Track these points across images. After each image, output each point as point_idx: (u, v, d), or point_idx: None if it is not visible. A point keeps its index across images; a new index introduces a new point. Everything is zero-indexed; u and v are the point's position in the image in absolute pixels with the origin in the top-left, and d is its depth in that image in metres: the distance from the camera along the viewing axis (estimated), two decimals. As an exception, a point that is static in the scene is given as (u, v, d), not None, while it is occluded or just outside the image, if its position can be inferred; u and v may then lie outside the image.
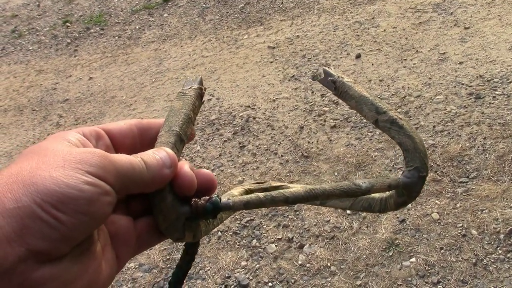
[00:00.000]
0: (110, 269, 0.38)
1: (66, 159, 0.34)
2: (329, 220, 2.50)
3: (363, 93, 0.46)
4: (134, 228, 0.40)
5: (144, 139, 0.44)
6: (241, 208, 0.42)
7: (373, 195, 0.48)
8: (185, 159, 2.51)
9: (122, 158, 0.37)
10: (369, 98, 0.46)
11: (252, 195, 0.42)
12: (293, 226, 2.52)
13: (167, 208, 0.40)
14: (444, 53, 3.58)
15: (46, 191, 0.32)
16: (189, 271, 2.39)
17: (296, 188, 0.43)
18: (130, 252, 0.40)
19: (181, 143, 0.43)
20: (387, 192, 0.48)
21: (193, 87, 0.47)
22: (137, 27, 5.53)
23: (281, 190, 0.43)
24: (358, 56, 3.82)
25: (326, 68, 0.47)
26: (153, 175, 0.38)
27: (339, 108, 3.28)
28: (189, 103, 0.45)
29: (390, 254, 2.27)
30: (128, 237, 0.40)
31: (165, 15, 5.61)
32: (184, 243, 0.49)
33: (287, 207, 2.63)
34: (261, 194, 0.42)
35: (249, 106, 3.57)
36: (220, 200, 0.41)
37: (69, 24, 6.08)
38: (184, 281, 0.53)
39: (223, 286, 2.32)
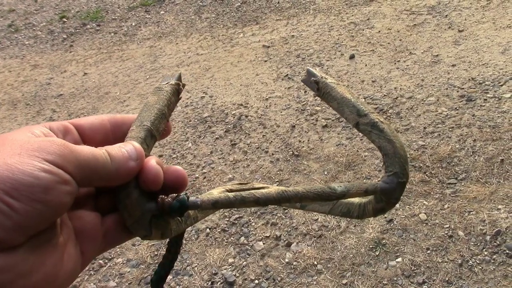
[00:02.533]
0: (73, 264, 0.36)
1: (24, 147, 0.33)
2: (317, 219, 2.51)
3: (345, 94, 0.45)
4: (101, 225, 0.39)
5: (117, 135, 0.43)
6: (210, 208, 0.41)
7: (352, 200, 0.47)
8: (177, 156, 2.50)
9: (84, 149, 0.36)
10: (351, 100, 0.45)
11: (222, 195, 0.41)
12: (281, 224, 2.53)
13: (132, 205, 0.39)
14: (437, 55, 3.59)
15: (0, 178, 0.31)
16: (177, 268, 2.39)
17: (269, 189, 0.42)
18: (96, 248, 0.39)
19: (152, 138, 0.42)
20: (367, 198, 0.47)
21: (170, 83, 0.46)
22: (133, 24, 5.53)
23: (252, 191, 0.42)
24: (352, 57, 3.83)
25: (310, 68, 0.47)
26: (117, 167, 0.37)
27: (331, 108, 3.28)
28: (164, 99, 0.44)
29: (377, 253, 2.28)
30: (94, 234, 0.39)
31: (161, 12, 5.61)
32: (167, 240, 0.48)
33: (276, 205, 2.63)
34: (231, 194, 0.41)
35: (241, 104, 3.58)
36: (188, 198, 0.40)
37: (66, 20, 6.07)
38: (166, 279, 0.52)
39: (210, 282, 2.32)
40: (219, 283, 2.32)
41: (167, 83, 0.45)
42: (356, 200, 0.47)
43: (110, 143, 0.41)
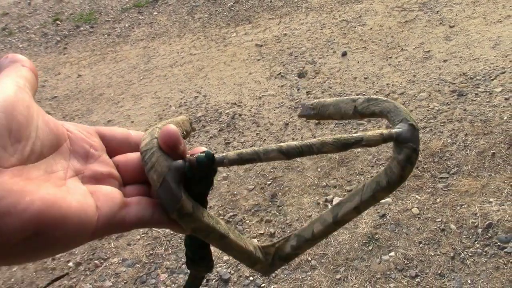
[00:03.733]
0: (82, 206, 0.35)
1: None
2: (311, 215, 2.53)
3: (336, 99, 0.49)
4: (121, 194, 0.40)
5: (137, 140, 0.44)
6: (235, 160, 0.40)
7: (377, 174, 0.47)
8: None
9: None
10: (342, 98, 0.48)
11: (247, 149, 0.41)
12: (275, 221, 2.55)
13: (159, 162, 0.38)
14: (428, 51, 3.62)
15: None
16: (172, 266, 2.41)
17: (291, 142, 0.42)
18: (114, 210, 0.38)
19: (176, 124, 0.44)
20: (389, 160, 0.46)
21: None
22: (127, 25, 5.54)
23: (274, 144, 0.42)
24: (344, 54, 3.84)
25: (303, 102, 0.52)
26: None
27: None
28: (177, 120, 0.47)
29: (370, 248, 2.30)
30: (111, 194, 0.38)
31: (154, 13, 5.62)
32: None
33: (270, 202, 2.65)
34: (255, 148, 0.41)
35: (235, 103, 3.59)
36: (214, 154, 0.40)
37: (59, 22, 6.08)
38: None
39: (205, 280, 2.34)
40: (214, 280, 2.33)
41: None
42: (380, 171, 0.47)
43: (130, 146, 0.44)
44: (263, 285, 2.26)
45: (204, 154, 0.39)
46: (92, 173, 0.40)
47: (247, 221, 2.58)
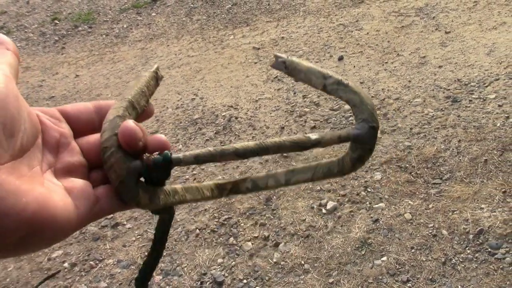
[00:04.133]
0: (65, 206, 0.37)
1: None
2: (305, 219, 2.55)
3: (310, 65, 0.48)
4: (92, 189, 0.41)
5: (101, 115, 0.45)
6: (192, 161, 0.42)
7: (332, 159, 0.48)
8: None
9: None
10: (316, 68, 0.47)
11: (203, 149, 0.43)
12: (269, 225, 2.57)
13: (117, 163, 0.40)
14: (424, 56, 3.65)
15: None
16: (167, 268, 2.43)
17: (247, 142, 0.44)
18: (90, 208, 0.40)
19: (134, 109, 0.44)
20: (345, 152, 0.48)
21: (149, 70, 0.48)
22: (125, 26, 5.55)
23: (231, 144, 0.43)
24: (340, 58, 3.87)
25: (277, 53, 0.49)
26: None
27: (319, 109, 3.33)
28: (143, 81, 0.47)
29: (363, 253, 2.33)
30: (85, 193, 0.40)
31: (153, 14, 5.64)
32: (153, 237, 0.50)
33: (265, 205, 2.67)
34: (211, 148, 0.43)
35: (232, 106, 3.62)
36: (171, 154, 0.42)
37: (58, 22, 6.09)
38: (151, 278, 0.54)
39: (199, 282, 2.36)
40: (208, 283, 2.35)
41: (146, 71, 0.48)
42: (334, 159, 0.49)
43: (95, 124, 0.44)
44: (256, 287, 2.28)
45: (162, 157, 0.41)
46: (63, 165, 0.40)
47: (242, 224, 2.61)
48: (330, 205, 2.59)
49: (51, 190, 0.37)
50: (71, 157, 0.41)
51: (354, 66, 3.74)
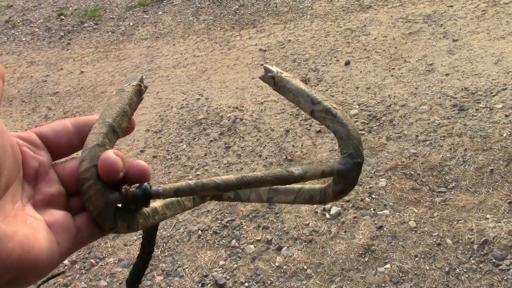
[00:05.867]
0: (48, 245, 0.36)
1: None
2: (309, 223, 2.54)
3: (300, 86, 0.46)
4: (73, 222, 0.40)
5: (81, 136, 0.43)
6: (172, 195, 0.42)
7: (315, 186, 0.48)
8: (171, 158, 2.52)
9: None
10: (305, 90, 0.46)
11: (183, 182, 0.42)
12: (272, 228, 2.56)
13: (96, 195, 0.40)
14: (431, 64, 3.63)
15: None
16: (168, 269, 2.41)
17: (229, 175, 0.43)
18: (71, 241, 0.39)
19: (114, 134, 0.43)
20: (327, 183, 0.47)
21: (131, 84, 0.47)
22: (131, 24, 5.54)
23: (212, 178, 0.43)
24: (347, 63, 3.86)
25: (266, 65, 0.48)
26: None
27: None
28: (126, 98, 0.45)
29: (366, 259, 2.31)
30: (66, 226, 0.39)
31: (159, 13, 5.63)
32: (141, 242, 0.51)
33: (268, 208, 2.66)
34: (191, 181, 0.42)
35: (237, 108, 3.60)
36: (151, 187, 0.41)
37: (64, 17, 6.08)
38: (141, 279, 0.54)
39: (200, 284, 2.35)
40: (209, 285, 2.34)
41: (128, 85, 0.47)
42: (317, 186, 0.48)
43: (75, 146, 0.43)
44: (258, 291, 2.27)
45: (141, 190, 0.41)
46: (43, 197, 0.39)
47: (245, 227, 2.59)
48: (334, 210, 2.57)
49: (35, 229, 0.36)
50: (49, 188, 0.40)
51: (361, 71, 3.73)
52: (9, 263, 0.32)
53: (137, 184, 0.41)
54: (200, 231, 2.62)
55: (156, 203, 0.45)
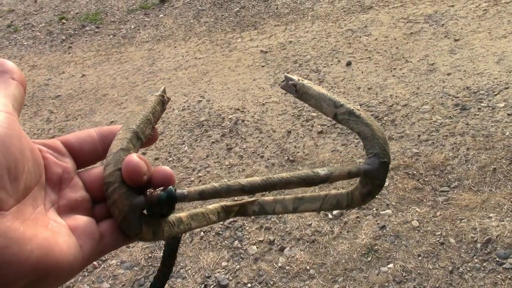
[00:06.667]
0: (69, 249, 0.36)
1: None
2: (311, 224, 2.53)
3: (321, 91, 0.47)
4: (96, 226, 0.40)
5: (105, 144, 0.43)
6: (197, 198, 0.42)
7: (341, 191, 0.48)
8: (173, 160, 2.53)
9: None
10: (327, 94, 0.46)
11: (208, 185, 0.42)
12: (275, 229, 2.55)
13: (121, 199, 0.39)
14: (433, 63, 3.63)
15: None
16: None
17: (253, 178, 0.43)
18: (94, 246, 0.39)
19: (138, 140, 0.43)
20: (355, 185, 0.47)
21: (154, 94, 0.48)
22: (132, 27, 5.55)
23: (237, 180, 0.43)
24: (348, 64, 3.86)
25: (287, 74, 0.49)
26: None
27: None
28: (149, 107, 0.46)
29: (369, 259, 2.30)
30: (90, 231, 0.39)
31: (160, 15, 5.64)
32: (162, 253, 0.50)
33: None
34: (216, 184, 0.42)
35: (238, 109, 3.60)
36: (176, 190, 0.41)
37: (65, 21, 6.10)
38: None
39: (203, 285, 2.34)
40: (212, 286, 2.33)
41: (151, 95, 0.48)
42: (343, 191, 0.48)
43: (99, 154, 0.43)
44: (261, 292, 2.26)
45: (166, 193, 0.40)
46: (67, 202, 0.39)
47: (247, 228, 2.59)
48: (336, 210, 2.56)
49: (55, 233, 0.35)
50: (74, 193, 0.40)
51: (362, 72, 3.73)
52: (28, 266, 0.32)
53: (162, 188, 0.41)
54: (202, 233, 2.61)
55: (181, 213, 0.45)
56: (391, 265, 2.25)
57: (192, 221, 0.45)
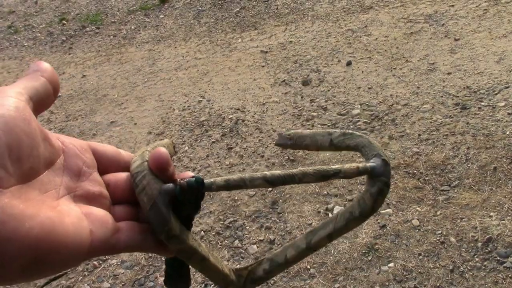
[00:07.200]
0: (76, 229, 0.35)
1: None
2: (311, 223, 2.53)
3: (312, 130, 0.51)
4: (113, 219, 0.39)
5: (127, 161, 0.44)
6: (223, 186, 0.42)
7: (351, 203, 0.49)
8: (173, 159, 2.55)
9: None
10: (319, 131, 0.50)
11: (234, 175, 0.43)
12: (275, 228, 2.55)
13: (149, 184, 0.39)
14: (433, 63, 3.63)
15: None
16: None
17: (274, 171, 0.45)
18: (107, 236, 0.38)
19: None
20: (364, 190, 0.48)
21: (165, 139, 0.51)
22: (133, 27, 5.56)
23: (262, 172, 0.44)
24: (349, 64, 3.86)
25: (279, 131, 0.54)
26: None
27: (327, 113, 3.31)
28: (163, 142, 0.48)
29: (369, 258, 2.30)
30: (104, 219, 0.38)
31: (161, 16, 5.65)
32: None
33: (270, 208, 2.65)
34: (241, 174, 0.43)
35: (238, 109, 3.60)
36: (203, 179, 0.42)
37: (65, 22, 6.10)
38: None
39: (204, 285, 2.34)
40: (212, 285, 2.33)
41: (163, 139, 0.51)
42: (353, 201, 0.49)
43: (120, 164, 0.44)
44: (261, 291, 2.26)
45: (194, 178, 0.41)
46: (83, 192, 0.39)
47: (247, 227, 2.59)
48: (336, 209, 2.56)
49: (64, 214, 0.35)
50: (92, 186, 0.40)
51: (363, 72, 3.73)
52: (26, 243, 0.31)
53: (188, 176, 0.42)
54: (203, 232, 2.61)
55: (203, 245, 0.45)
56: (391, 264, 2.24)
57: (210, 255, 0.44)
